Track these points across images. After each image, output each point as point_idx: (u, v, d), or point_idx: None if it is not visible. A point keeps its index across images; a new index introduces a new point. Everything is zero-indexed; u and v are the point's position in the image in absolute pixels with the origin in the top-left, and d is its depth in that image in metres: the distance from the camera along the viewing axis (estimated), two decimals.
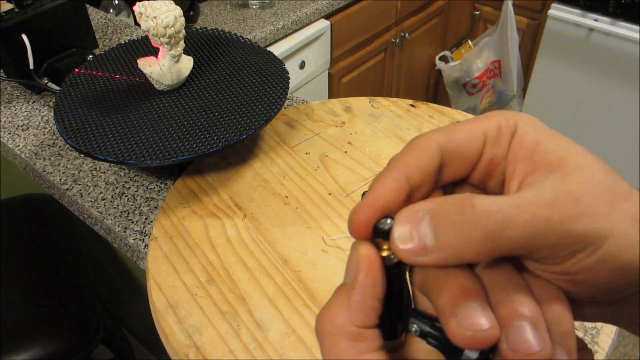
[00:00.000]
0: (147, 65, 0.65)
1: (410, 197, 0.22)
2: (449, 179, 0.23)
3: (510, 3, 1.80)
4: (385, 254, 0.21)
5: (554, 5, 1.76)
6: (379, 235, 0.21)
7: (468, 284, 0.19)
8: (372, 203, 0.21)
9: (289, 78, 0.68)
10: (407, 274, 0.22)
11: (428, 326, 0.20)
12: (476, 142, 0.22)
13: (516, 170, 0.21)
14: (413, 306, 0.23)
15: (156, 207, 0.65)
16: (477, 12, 1.99)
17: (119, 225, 0.63)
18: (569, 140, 0.21)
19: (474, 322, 0.18)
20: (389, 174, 0.22)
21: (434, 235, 0.19)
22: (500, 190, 0.23)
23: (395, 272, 0.21)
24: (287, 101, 0.80)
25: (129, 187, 0.68)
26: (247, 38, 0.76)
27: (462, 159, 0.22)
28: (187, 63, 0.67)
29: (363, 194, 0.65)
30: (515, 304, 0.18)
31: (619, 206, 0.19)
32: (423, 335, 0.20)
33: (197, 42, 0.76)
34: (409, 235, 0.19)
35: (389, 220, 0.21)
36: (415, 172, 0.21)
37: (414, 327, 0.21)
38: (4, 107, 0.83)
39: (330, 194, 0.61)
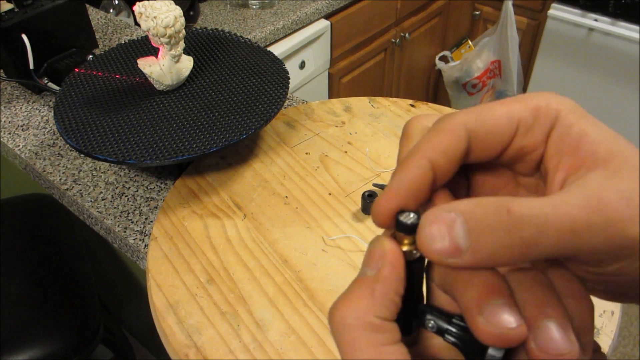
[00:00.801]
0: (147, 65, 0.65)
1: (434, 184, 0.21)
2: (472, 161, 0.22)
3: (510, 3, 1.80)
4: (406, 248, 0.20)
5: (554, 5, 1.76)
6: (401, 229, 0.20)
7: (494, 282, 0.18)
8: (396, 192, 0.20)
9: (289, 78, 0.68)
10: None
11: (445, 322, 0.20)
12: (509, 130, 0.21)
13: (560, 164, 0.20)
14: (425, 301, 0.22)
15: (156, 207, 0.65)
16: (477, 12, 1.99)
17: (119, 225, 0.63)
18: (616, 133, 0.20)
19: (502, 319, 0.17)
20: (413, 161, 0.20)
21: (467, 237, 0.18)
22: (528, 172, 0.22)
23: (414, 268, 0.21)
24: (287, 101, 0.80)
25: (129, 187, 0.68)
26: (247, 38, 0.76)
27: (490, 146, 0.21)
28: (187, 63, 0.67)
29: (363, 195, 0.65)
30: (541, 303, 0.18)
31: None
32: (440, 331, 0.20)
33: (197, 42, 0.76)
34: (441, 235, 0.18)
35: (412, 215, 0.20)
36: (440, 158, 0.20)
37: (431, 323, 0.20)
38: (4, 107, 0.83)
39: (330, 194, 0.61)
